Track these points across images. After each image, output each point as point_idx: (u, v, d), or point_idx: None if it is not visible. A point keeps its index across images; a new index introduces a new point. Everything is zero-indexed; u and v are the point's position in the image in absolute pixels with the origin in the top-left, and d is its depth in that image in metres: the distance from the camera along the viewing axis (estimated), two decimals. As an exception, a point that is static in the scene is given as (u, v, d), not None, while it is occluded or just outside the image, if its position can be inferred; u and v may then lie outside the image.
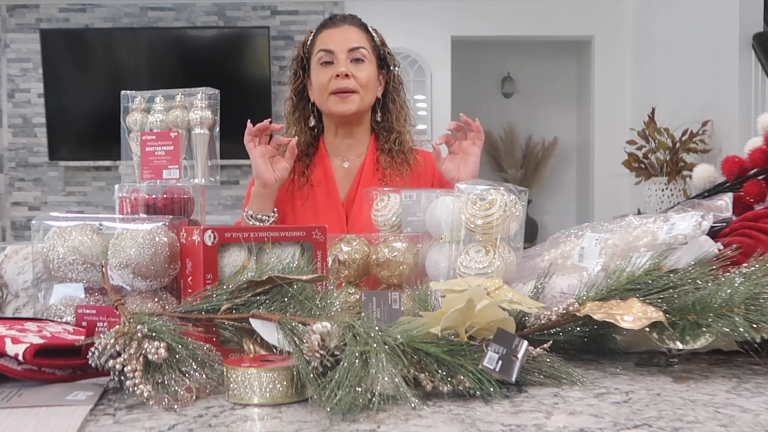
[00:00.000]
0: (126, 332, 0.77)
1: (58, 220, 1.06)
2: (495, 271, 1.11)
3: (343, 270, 1.21)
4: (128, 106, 1.22)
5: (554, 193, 6.33)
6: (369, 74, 1.70)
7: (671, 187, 3.96)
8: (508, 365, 0.79)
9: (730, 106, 3.83)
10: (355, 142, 1.77)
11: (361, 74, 1.68)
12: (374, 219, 1.30)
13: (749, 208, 1.26)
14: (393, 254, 1.19)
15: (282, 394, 0.75)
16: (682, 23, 4.45)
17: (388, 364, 0.72)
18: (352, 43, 1.69)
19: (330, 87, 1.68)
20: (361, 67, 1.69)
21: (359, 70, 1.68)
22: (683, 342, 0.86)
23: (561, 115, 6.29)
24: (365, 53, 1.70)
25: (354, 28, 1.73)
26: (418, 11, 5.32)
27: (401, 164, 1.73)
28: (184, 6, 5.35)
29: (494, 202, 1.12)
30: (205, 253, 0.97)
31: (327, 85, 1.68)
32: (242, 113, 5.91)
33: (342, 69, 1.66)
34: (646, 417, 0.71)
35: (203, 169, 1.19)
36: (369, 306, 1.10)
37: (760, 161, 1.33)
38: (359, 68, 1.69)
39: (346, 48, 1.68)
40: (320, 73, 1.70)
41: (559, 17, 5.40)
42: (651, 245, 1.04)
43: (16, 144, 5.38)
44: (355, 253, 1.21)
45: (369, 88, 1.71)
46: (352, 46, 1.69)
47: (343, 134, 1.76)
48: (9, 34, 5.35)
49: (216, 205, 5.30)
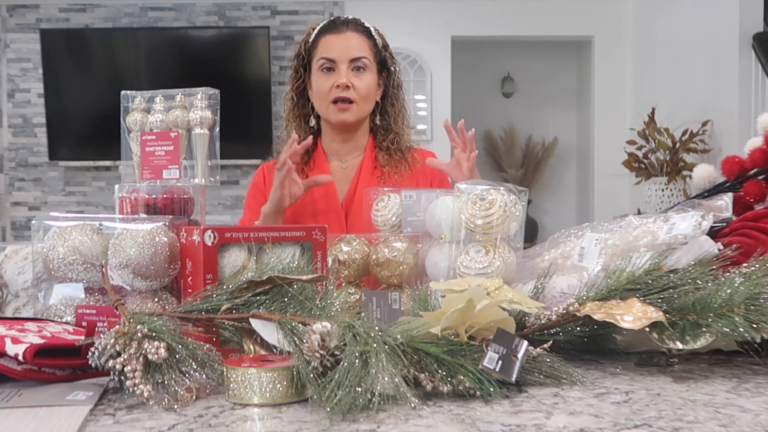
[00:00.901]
0: (126, 332, 0.77)
1: (58, 220, 1.06)
2: (495, 271, 1.10)
3: (343, 270, 1.21)
4: (128, 106, 1.22)
5: (554, 193, 6.33)
6: (369, 83, 1.71)
7: (671, 187, 3.96)
8: (508, 365, 0.79)
9: (730, 106, 3.83)
10: (353, 145, 1.78)
11: (361, 84, 1.69)
12: (374, 219, 1.31)
13: (749, 208, 1.26)
14: (393, 254, 1.19)
15: (282, 394, 0.75)
16: (682, 23, 4.45)
17: (388, 364, 0.72)
18: (354, 53, 1.69)
19: (330, 96, 1.69)
20: (362, 77, 1.70)
21: (360, 80, 1.69)
22: (683, 342, 0.86)
23: (561, 115, 6.29)
24: (366, 62, 1.70)
25: (356, 34, 1.72)
26: (418, 11, 5.32)
27: (399, 162, 1.74)
28: (184, 6, 5.35)
29: (494, 202, 1.12)
30: (205, 253, 0.97)
31: (327, 94, 1.69)
32: (242, 113, 5.90)
33: (343, 80, 1.67)
34: (646, 417, 0.71)
35: (203, 169, 1.19)
36: (369, 306, 1.10)
37: (760, 161, 1.33)
38: (360, 78, 1.69)
39: (347, 57, 1.69)
40: (321, 80, 1.70)
41: (559, 17, 5.40)
42: (651, 245, 1.04)
43: (16, 144, 5.38)
44: (355, 253, 1.21)
45: (368, 97, 1.72)
46: (354, 56, 1.69)
47: (341, 138, 1.77)
48: (9, 34, 5.35)
49: (216, 205, 5.30)
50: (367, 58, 1.71)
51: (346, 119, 1.70)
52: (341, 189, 1.74)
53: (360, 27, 1.74)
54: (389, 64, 1.77)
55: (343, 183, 1.75)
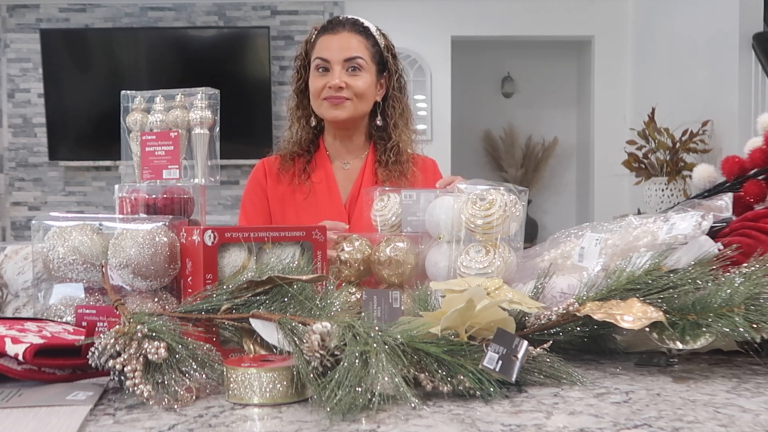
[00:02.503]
0: (126, 332, 0.77)
1: (58, 220, 1.06)
2: (495, 271, 1.11)
3: (344, 270, 1.21)
4: (128, 106, 1.22)
5: (554, 193, 6.33)
6: (365, 82, 1.69)
7: (671, 187, 3.96)
8: (508, 365, 0.79)
9: (730, 106, 3.83)
10: (354, 147, 1.78)
11: (357, 83, 1.68)
12: (374, 219, 1.30)
13: (749, 208, 1.26)
14: (395, 254, 1.19)
15: (282, 394, 0.75)
16: (682, 23, 4.45)
17: (388, 364, 0.72)
18: (348, 53, 1.68)
19: (323, 94, 1.69)
20: (357, 76, 1.68)
21: (355, 79, 1.68)
22: (683, 342, 0.86)
23: (561, 115, 6.29)
24: (362, 62, 1.69)
25: (353, 34, 1.71)
26: (418, 11, 5.32)
27: (399, 177, 1.73)
28: (184, 6, 5.35)
29: (494, 202, 1.12)
30: (205, 253, 0.97)
31: (320, 92, 1.69)
32: (242, 113, 5.89)
33: (335, 81, 1.66)
34: (646, 417, 0.71)
35: (203, 169, 1.19)
36: (370, 305, 1.10)
37: (760, 161, 1.32)
38: (355, 77, 1.68)
39: (341, 58, 1.67)
40: (315, 80, 1.70)
41: (559, 17, 5.40)
42: (651, 245, 1.04)
43: (16, 144, 5.38)
44: (357, 252, 1.21)
45: (365, 96, 1.70)
46: (349, 56, 1.68)
47: (341, 138, 1.77)
48: (9, 34, 5.35)
49: (216, 205, 5.30)
50: (363, 58, 1.69)
51: (338, 116, 1.69)
52: (344, 189, 1.74)
53: (357, 27, 1.73)
54: (390, 66, 1.76)
55: (346, 183, 1.75)
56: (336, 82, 1.66)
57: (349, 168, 1.77)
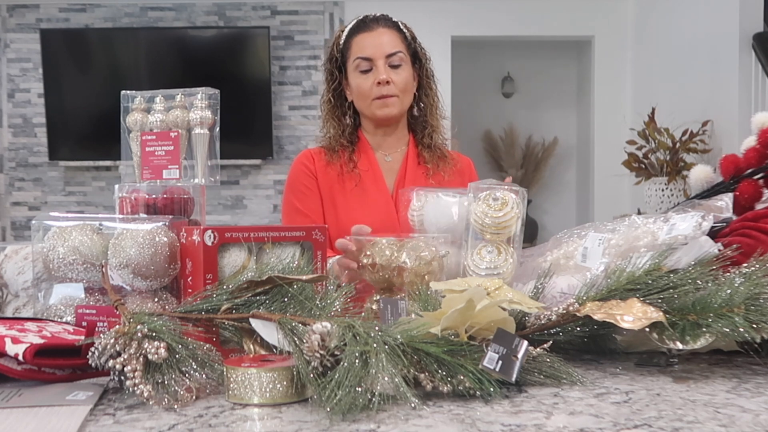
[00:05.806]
0: (126, 332, 0.77)
1: (58, 220, 1.06)
2: (507, 271, 1.11)
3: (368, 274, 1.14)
4: (128, 106, 1.22)
5: (554, 193, 6.33)
6: (406, 77, 1.74)
7: (671, 187, 3.96)
8: (508, 365, 0.79)
9: (730, 106, 3.83)
10: (395, 139, 1.81)
11: (400, 78, 1.72)
12: (411, 219, 1.30)
13: (749, 208, 1.26)
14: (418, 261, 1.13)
15: (282, 394, 0.75)
16: (682, 23, 4.45)
17: (388, 364, 0.72)
18: (389, 49, 1.72)
19: (372, 94, 1.71)
20: (399, 71, 1.72)
21: (398, 75, 1.72)
22: (683, 342, 0.86)
23: (561, 115, 6.28)
24: (401, 56, 1.73)
25: (388, 30, 1.75)
26: (418, 11, 5.32)
27: (441, 159, 1.79)
28: (184, 6, 5.35)
29: (507, 201, 1.12)
30: (205, 253, 0.97)
31: (369, 92, 1.72)
32: (242, 113, 5.88)
33: (383, 77, 1.69)
34: (646, 417, 0.71)
35: (203, 169, 1.19)
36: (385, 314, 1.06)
37: (755, 160, 1.32)
38: (397, 73, 1.72)
39: (383, 54, 1.71)
40: (360, 81, 1.73)
41: (559, 17, 5.40)
42: (651, 245, 1.04)
43: (16, 144, 5.38)
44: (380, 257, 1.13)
45: (407, 90, 1.75)
46: (390, 52, 1.72)
47: (382, 132, 1.80)
48: (9, 34, 5.34)
49: (216, 205, 5.30)
50: (402, 52, 1.74)
51: (390, 113, 1.73)
52: (389, 180, 1.78)
53: (390, 22, 1.78)
54: (420, 56, 1.80)
55: (390, 174, 1.79)
56: (384, 77, 1.69)
57: (390, 160, 1.80)
